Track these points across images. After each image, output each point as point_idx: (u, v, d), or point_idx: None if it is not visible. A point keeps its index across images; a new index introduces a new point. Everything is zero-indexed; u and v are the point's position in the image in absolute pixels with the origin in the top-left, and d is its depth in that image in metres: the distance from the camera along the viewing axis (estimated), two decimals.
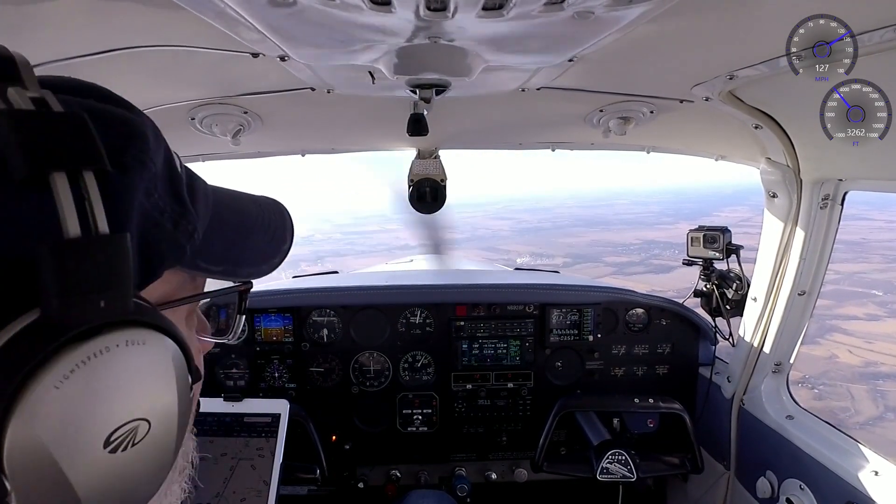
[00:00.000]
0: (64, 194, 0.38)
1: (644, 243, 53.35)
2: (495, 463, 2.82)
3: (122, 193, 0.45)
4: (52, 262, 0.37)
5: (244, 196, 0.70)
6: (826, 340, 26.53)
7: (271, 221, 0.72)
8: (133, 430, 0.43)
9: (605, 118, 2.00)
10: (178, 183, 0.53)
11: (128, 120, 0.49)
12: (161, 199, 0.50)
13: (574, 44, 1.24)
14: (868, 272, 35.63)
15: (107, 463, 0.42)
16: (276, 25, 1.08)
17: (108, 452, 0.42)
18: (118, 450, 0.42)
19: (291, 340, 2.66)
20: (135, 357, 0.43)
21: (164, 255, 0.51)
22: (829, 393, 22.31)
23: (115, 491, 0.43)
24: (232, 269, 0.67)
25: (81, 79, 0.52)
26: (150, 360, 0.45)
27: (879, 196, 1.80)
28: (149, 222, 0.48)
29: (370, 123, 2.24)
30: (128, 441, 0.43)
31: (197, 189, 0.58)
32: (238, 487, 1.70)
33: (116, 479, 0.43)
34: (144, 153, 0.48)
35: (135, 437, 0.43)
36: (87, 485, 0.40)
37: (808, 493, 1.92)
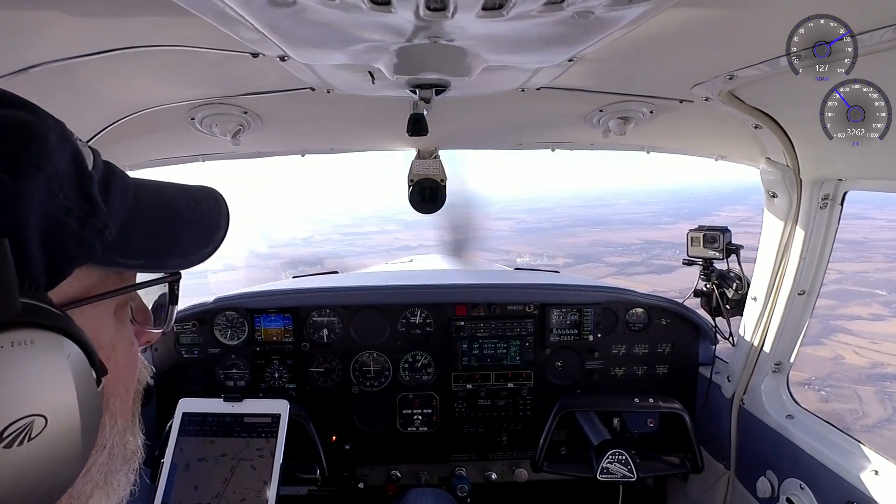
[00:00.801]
0: None
1: (645, 243, 53.31)
2: (495, 463, 2.82)
3: (14, 199, 0.46)
4: None
5: (172, 187, 0.71)
6: (831, 341, 26.32)
7: (202, 211, 0.72)
8: (27, 426, 0.45)
9: (605, 118, 2.00)
10: (86, 181, 0.54)
11: (26, 123, 0.49)
12: (66, 199, 0.51)
13: (574, 44, 1.24)
14: (870, 272, 35.49)
15: (2, 457, 0.43)
16: (276, 25, 1.08)
17: (3, 447, 0.43)
18: (13, 444, 0.44)
19: (291, 341, 2.66)
20: (22, 357, 0.44)
21: (71, 253, 0.52)
22: (835, 395, 21.94)
23: (16, 483, 0.45)
24: (156, 261, 0.68)
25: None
26: (40, 360, 0.46)
27: (879, 195, 1.80)
28: (52, 223, 0.49)
29: (370, 123, 2.24)
30: (23, 436, 0.44)
31: (113, 185, 0.58)
32: (238, 488, 1.70)
33: (16, 473, 0.45)
34: (41, 156, 0.48)
35: (30, 432, 0.45)
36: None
37: (809, 492, 1.92)
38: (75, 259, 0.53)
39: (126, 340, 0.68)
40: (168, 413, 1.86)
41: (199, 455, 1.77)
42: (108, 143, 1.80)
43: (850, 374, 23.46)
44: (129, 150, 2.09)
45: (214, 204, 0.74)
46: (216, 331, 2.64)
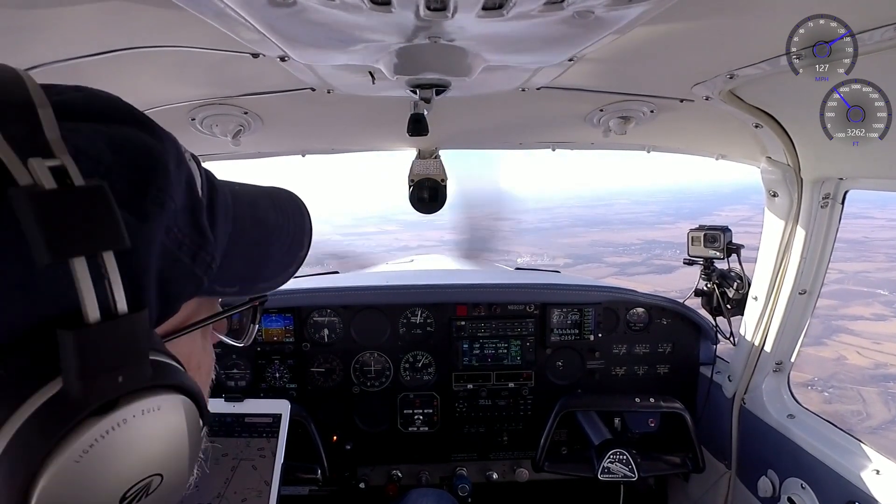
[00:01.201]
0: (83, 277, 0.38)
1: (645, 243, 53.23)
2: (496, 463, 2.81)
3: (142, 245, 0.44)
4: (71, 346, 0.38)
5: (263, 198, 0.67)
6: (833, 341, 26.18)
7: (290, 227, 0.69)
8: (147, 485, 0.45)
9: (606, 118, 2.00)
10: (198, 211, 0.52)
11: (151, 150, 0.48)
12: (180, 232, 0.49)
13: (574, 43, 1.24)
14: (872, 271, 35.39)
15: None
16: (276, 26, 1.08)
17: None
18: (135, 500, 0.44)
19: (292, 341, 2.66)
20: (150, 423, 0.44)
21: (182, 290, 0.51)
22: (839, 396, 21.79)
23: None
24: (248, 287, 0.66)
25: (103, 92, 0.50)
26: (165, 423, 0.45)
27: (879, 194, 1.80)
28: (167, 260, 0.48)
29: (370, 123, 2.24)
30: (141, 494, 0.44)
31: (217, 208, 0.56)
32: (239, 488, 1.70)
33: None
34: (165, 191, 0.47)
35: (148, 489, 0.45)
36: None
37: (810, 492, 1.91)
38: (184, 294, 0.52)
39: (209, 357, 0.67)
40: None
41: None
42: None
43: (853, 375, 23.27)
44: None
45: (300, 218, 0.71)
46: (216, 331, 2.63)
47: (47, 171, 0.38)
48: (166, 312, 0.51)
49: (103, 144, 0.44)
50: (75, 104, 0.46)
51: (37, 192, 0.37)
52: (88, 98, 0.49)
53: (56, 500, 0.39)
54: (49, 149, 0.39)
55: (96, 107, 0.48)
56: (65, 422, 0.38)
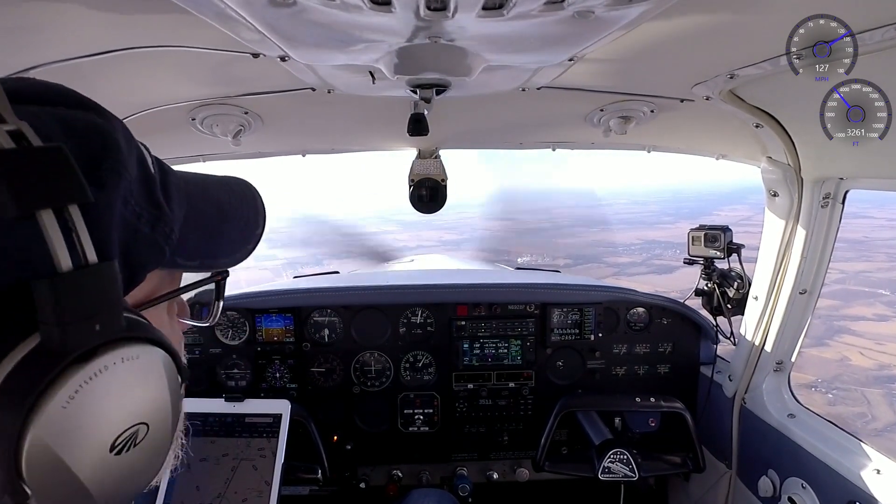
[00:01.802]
0: (52, 230, 0.40)
1: (645, 243, 53.12)
2: (497, 462, 2.81)
3: (103, 211, 0.46)
4: (47, 295, 0.40)
5: (214, 182, 0.71)
6: (836, 342, 25.91)
7: (244, 208, 0.73)
8: (134, 434, 0.48)
9: (606, 117, 2.00)
10: (152, 184, 0.54)
11: (100, 128, 0.49)
12: (137, 205, 0.51)
13: (574, 43, 1.24)
14: (873, 271, 35.20)
15: (113, 464, 0.46)
16: (277, 26, 1.08)
17: (115, 455, 0.46)
18: (123, 452, 0.47)
19: (292, 341, 2.66)
20: (130, 371, 0.46)
21: (145, 259, 0.53)
22: (843, 398, 21.39)
23: (122, 484, 0.48)
24: (209, 262, 0.69)
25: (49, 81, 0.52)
26: (144, 372, 0.48)
27: (878, 194, 1.80)
28: (128, 230, 0.50)
29: (370, 123, 2.24)
30: (130, 443, 0.47)
31: (170, 185, 0.58)
32: (240, 488, 1.70)
33: (123, 475, 0.48)
34: (119, 163, 0.49)
35: (136, 438, 0.48)
36: (98, 484, 0.45)
37: (811, 491, 1.91)
38: (148, 264, 0.54)
39: (178, 336, 0.70)
40: None
41: (200, 455, 1.77)
42: None
43: (857, 377, 22.97)
44: None
45: (252, 201, 0.74)
46: (217, 331, 2.64)
47: (6, 134, 0.39)
48: (132, 281, 0.53)
49: (53, 123, 0.46)
50: (21, 89, 0.48)
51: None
52: (33, 84, 0.51)
53: (47, 449, 0.41)
54: (2, 118, 0.40)
55: (42, 92, 0.50)
56: (49, 369, 0.40)
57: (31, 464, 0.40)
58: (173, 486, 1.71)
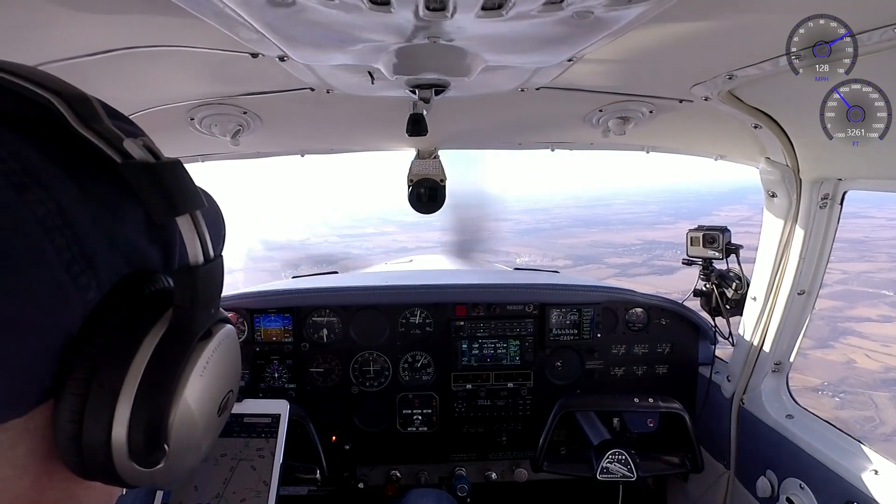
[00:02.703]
0: (190, 231, 0.47)
1: (645, 244, 53.05)
2: (495, 463, 2.82)
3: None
4: (188, 283, 0.47)
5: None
6: (841, 344, 25.62)
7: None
8: (227, 398, 0.56)
9: (605, 118, 2.00)
10: None
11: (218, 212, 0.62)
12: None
13: (573, 44, 1.24)
14: (875, 271, 35.03)
15: (216, 424, 0.54)
16: (276, 25, 1.08)
17: (217, 416, 0.54)
18: (221, 414, 0.55)
19: (291, 341, 2.66)
20: (229, 345, 0.54)
21: None
22: (850, 402, 21.26)
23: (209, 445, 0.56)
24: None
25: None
26: (232, 345, 0.56)
27: (878, 193, 1.80)
28: None
29: (370, 123, 2.24)
30: (224, 407, 0.55)
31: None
32: (238, 488, 1.70)
33: (213, 437, 0.55)
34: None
35: (228, 403, 0.57)
36: (207, 440, 0.54)
37: (809, 492, 1.92)
38: None
39: None
40: None
41: None
42: None
43: (863, 380, 22.64)
44: None
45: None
46: None
47: (143, 149, 0.45)
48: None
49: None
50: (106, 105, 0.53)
51: (150, 164, 0.44)
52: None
53: (191, 408, 0.48)
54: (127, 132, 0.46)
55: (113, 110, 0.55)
56: (187, 345, 0.48)
57: (175, 427, 0.46)
58: None
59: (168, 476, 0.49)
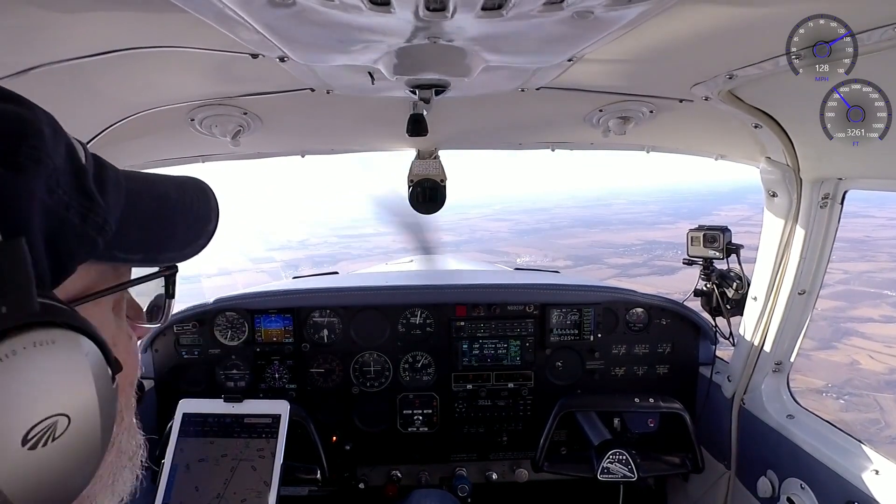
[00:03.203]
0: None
1: (645, 244, 52.89)
2: (496, 463, 2.81)
3: (17, 195, 0.45)
4: None
5: (162, 180, 0.70)
6: (844, 345, 25.11)
7: (193, 203, 0.71)
8: (52, 427, 0.44)
9: (605, 118, 2.00)
10: (83, 175, 0.53)
11: (20, 116, 0.49)
12: (65, 195, 0.50)
13: (573, 44, 1.24)
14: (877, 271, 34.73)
15: (27, 459, 0.43)
16: (276, 26, 1.08)
17: (28, 449, 0.43)
18: (38, 446, 0.43)
19: (291, 341, 2.66)
20: (44, 357, 0.43)
21: (74, 250, 0.52)
22: (855, 404, 20.62)
23: (41, 484, 0.44)
24: (153, 255, 0.67)
25: None
26: (62, 358, 0.45)
27: (877, 193, 1.80)
28: (54, 219, 0.49)
29: (370, 124, 2.24)
30: (47, 437, 0.44)
31: (107, 179, 0.57)
32: (239, 488, 1.70)
33: (41, 473, 0.44)
34: (39, 150, 0.47)
35: (54, 432, 0.44)
36: (10, 481, 0.41)
37: (809, 492, 1.91)
38: (78, 255, 0.53)
39: (125, 335, 0.67)
40: (168, 414, 1.86)
41: (199, 456, 1.76)
42: (108, 144, 1.79)
43: (867, 381, 22.14)
44: (128, 151, 2.09)
45: (203, 195, 0.73)
46: (216, 331, 2.64)
47: None
48: (60, 272, 0.51)
49: None
50: None
51: None
52: None
53: None
54: None
55: None
56: None
57: None
58: (172, 486, 1.71)
59: None
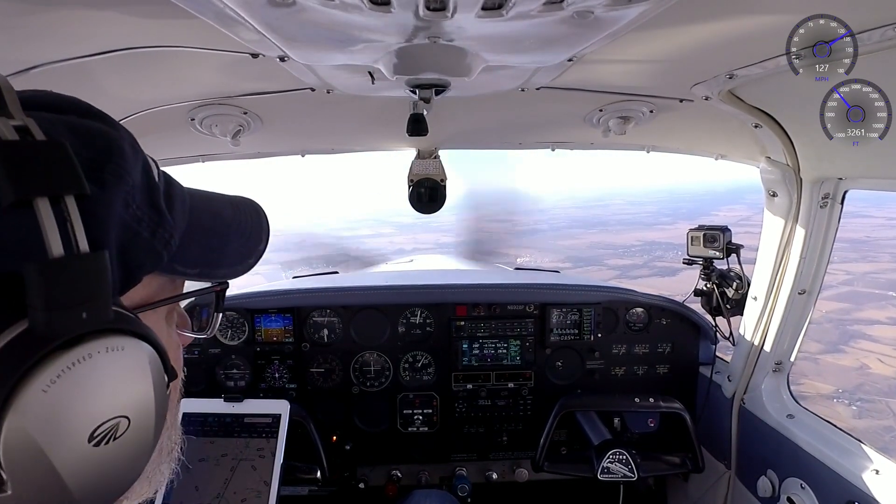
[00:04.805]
0: (47, 217, 0.41)
1: (645, 244, 52.76)
2: (496, 463, 2.81)
3: (101, 209, 0.48)
4: (37, 280, 0.41)
5: (220, 198, 0.74)
6: (852, 348, 24.59)
7: (247, 223, 0.75)
8: (114, 426, 0.48)
9: (605, 118, 2.00)
10: (155, 192, 0.57)
11: (107, 134, 0.52)
12: (139, 209, 0.53)
13: (574, 43, 1.24)
14: (879, 272, 34.39)
15: (92, 455, 0.46)
16: (276, 26, 1.08)
17: (93, 446, 0.46)
18: (101, 444, 0.47)
19: (292, 341, 2.66)
20: (114, 362, 0.47)
21: (142, 262, 0.55)
22: (868, 410, 20.23)
23: (100, 478, 0.48)
24: (208, 271, 0.71)
25: (64, 94, 0.56)
26: (129, 364, 0.49)
27: (876, 193, 1.80)
28: (127, 232, 0.52)
29: (370, 124, 2.24)
30: (110, 436, 0.48)
31: (174, 196, 0.61)
32: (239, 488, 1.70)
33: (101, 469, 0.48)
34: (122, 167, 0.51)
35: (116, 432, 0.48)
36: (74, 475, 0.45)
37: (809, 492, 1.92)
38: (145, 267, 0.56)
39: (175, 344, 0.72)
40: None
41: (199, 455, 1.77)
42: None
43: (879, 386, 21.43)
44: None
45: (256, 217, 0.77)
46: (216, 331, 2.63)
47: (11, 129, 0.42)
48: (128, 282, 0.55)
49: (61, 126, 0.49)
50: (37, 97, 0.52)
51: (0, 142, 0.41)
52: (48, 94, 0.55)
53: (25, 433, 0.41)
54: (11, 113, 0.43)
55: (55, 101, 0.54)
56: (32, 353, 0.41)
57: (9, 448, 0.40)
58: (172, 486, 1.71)
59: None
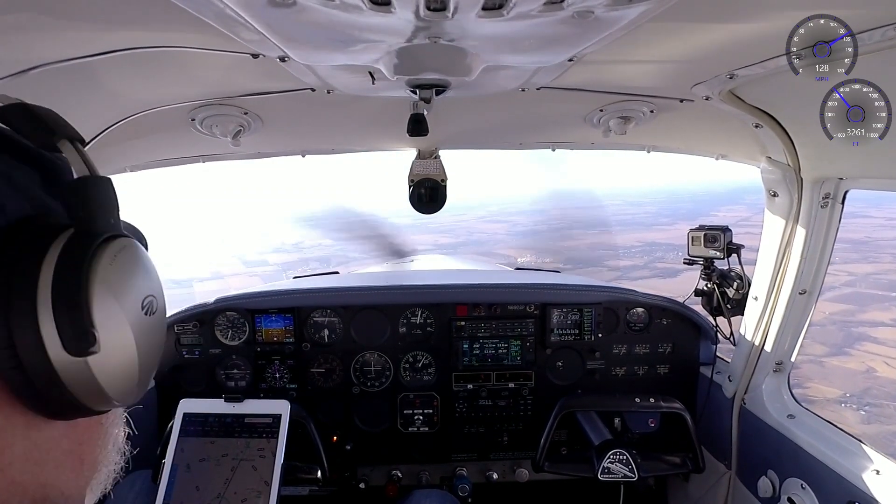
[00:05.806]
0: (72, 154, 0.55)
1: (646, 245, 52.52)
2: (496, 463, 2.81)
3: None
4: (78, 193, 0.54)
5: None
6: (858, 351, 24.23)
7: None
8: (151, 301, 0.60)
9: (606, 118, 2.00)
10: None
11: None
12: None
13: (574, 43, 1.24)
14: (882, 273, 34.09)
15: (143, 321, 0.58)
16: (276, 26, 1.08)
17: (144, 314, 0.58)
18: (147, 313, 0.59)
19: (292, 341, 2.66)
20: (139, 254, 0.59)
21: None
22: (878, 415, 19.51)
23: (149, 348, 0.59)
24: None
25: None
26: (146, 258, 0.61)
27: (876, 193, 1.80)
28: None
29: (370, 124, 2.24)
30: (149, 309, 0.59)
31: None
32: (239, 488, 1.70)
33: (149, 339, 0.59)
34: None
35: (152, 306, 0.60)
36: (138, 337, 0.56)
37: (810, 492, 1.91)
38: None
39: None
40: (169, 413, 1.86)
41: (200, 456, 1.76)
42: (109, 144, 1.80)
43: (887, 390, 21.15)
44: (129, 152, 2.09)
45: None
46: (217, 331, 2.64)
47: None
48: None
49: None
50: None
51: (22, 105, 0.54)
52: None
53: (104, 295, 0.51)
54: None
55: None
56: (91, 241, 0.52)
57: (96, 308, 0.50)
58: (172, 486, 1.70)
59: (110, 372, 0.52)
